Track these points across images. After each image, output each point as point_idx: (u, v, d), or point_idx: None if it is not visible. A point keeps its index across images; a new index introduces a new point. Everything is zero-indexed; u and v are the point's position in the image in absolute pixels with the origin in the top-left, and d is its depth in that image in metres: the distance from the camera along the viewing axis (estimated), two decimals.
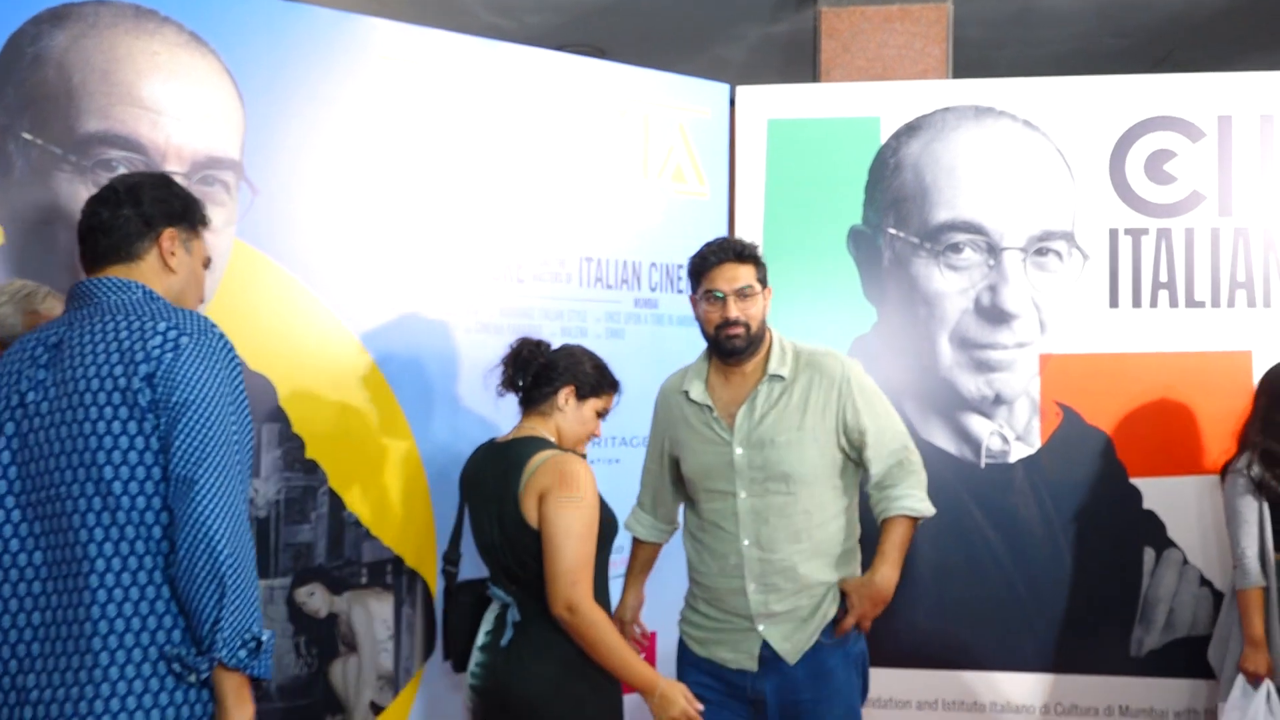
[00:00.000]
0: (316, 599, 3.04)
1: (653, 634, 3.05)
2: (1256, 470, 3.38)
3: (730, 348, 2.63)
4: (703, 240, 2.76)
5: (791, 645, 2.63)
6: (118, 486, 1.74)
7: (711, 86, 3.89)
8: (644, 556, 2.98)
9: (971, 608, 3.85)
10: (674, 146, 3.76)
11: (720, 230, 3.86)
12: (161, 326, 1.80)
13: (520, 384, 2.63)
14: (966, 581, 3.85)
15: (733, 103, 3.99)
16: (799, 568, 2.62)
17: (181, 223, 2.00)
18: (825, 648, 2.63)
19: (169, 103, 2.78)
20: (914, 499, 2.71)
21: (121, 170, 2.71)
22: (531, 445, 2.52)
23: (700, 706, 2.46)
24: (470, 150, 3.34)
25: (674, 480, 2.88)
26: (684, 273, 3.63)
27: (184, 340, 1.80)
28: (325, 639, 3.06)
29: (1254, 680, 3.28)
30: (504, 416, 3.28)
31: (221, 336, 1.87)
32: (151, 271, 1.94)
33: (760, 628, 2.63)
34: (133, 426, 1.75)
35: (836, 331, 3.86)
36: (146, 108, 2.74)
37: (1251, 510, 3.37)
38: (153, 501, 1.76)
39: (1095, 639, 3.81)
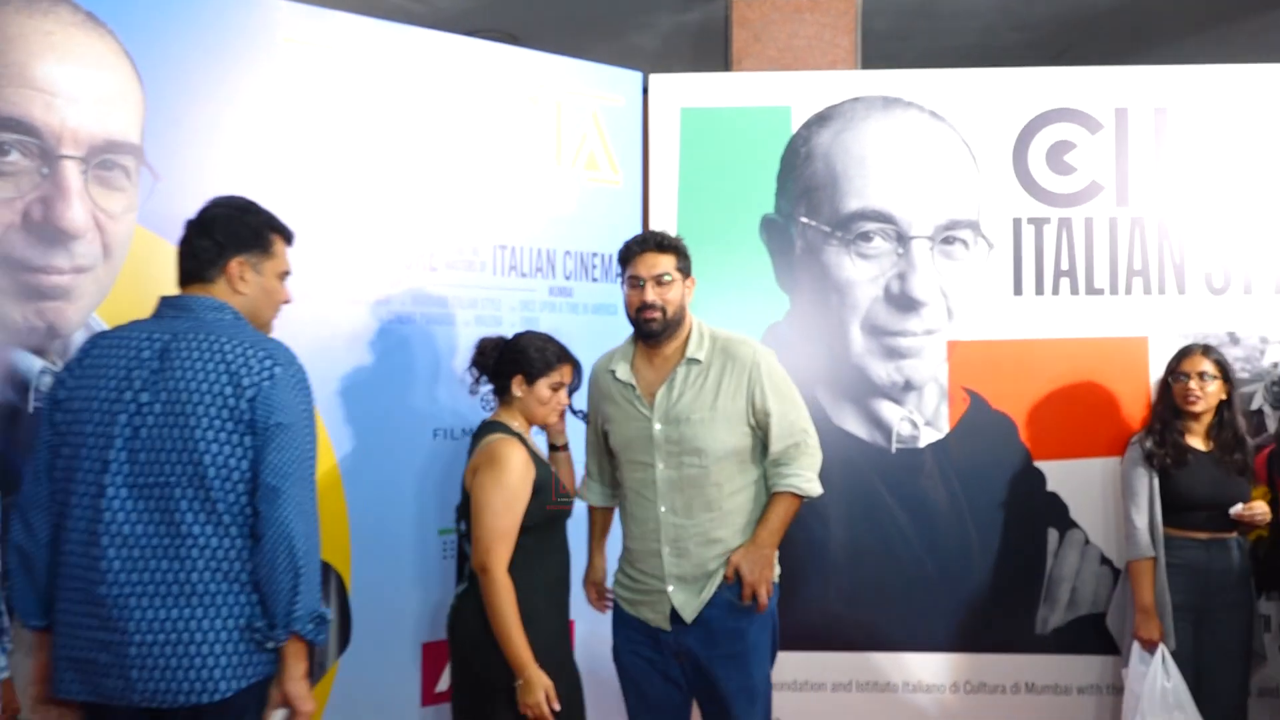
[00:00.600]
0: None
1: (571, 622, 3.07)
2: (1148, 444, 3.51)
3: (648, 330, 2.90)
4: (616, 228, 2.89)
5: (689, 606, 2.87)
6: (215, 484, 2.16)
7: (624, 74, 3.90)
8: (601, 521, 3.24)
9: (883, 590, 3.91)
10: (587, 134, 3.75)
11: (634, 218, 3.87)
12: (260, 355, 2.22)
13: (486, 381, 2.97)
14: (878, 564, 3.92)
15: (645, 91, 3.99)
16: (710, 533, 2.88)
17: (251, 249, 2.36)
18: (737, 609, 2.86)
19: (64, 84, 2.70)
20: (801, 478, 2.93)
21: (14, 155, 2.64)
22: (485, 429, 2.89)
23: (558, 708, 2.74)
24: (381, 137, 3.29)
25: (609, 450, 3.10)
26: (598, 261, 3.69)
27: (278, 371, 2.21)
28: None
29: (1149, 646, 3.42)
30: (418, 406, 3.26)
31: (301, 368, 2.29)
32: (224, 292, 2.33)
33: (670, 588, 2.88)
34: (235, 438, 2.17)
35: (751, 319, 3.88)
36: (40, 89, 2.66)
37: (1142, 483, 3.53)
38: (241, 499, 2.17)
39: (1002, 618, 3.91)
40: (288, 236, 2.45)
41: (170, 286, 2.81)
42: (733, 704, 2.89)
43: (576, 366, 3.00)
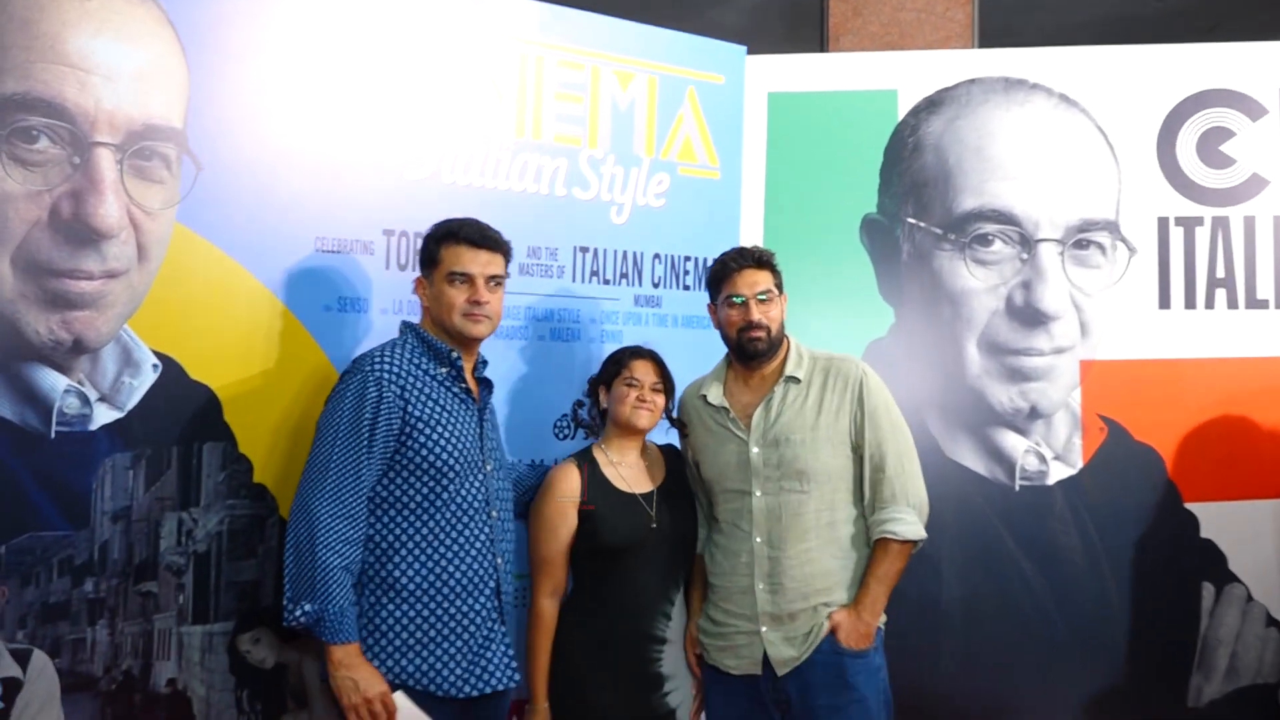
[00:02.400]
0: (262, 647, 3.03)
1: None
2: None
3: (753, 350, 3.08)
4: (713, 228, 2.96)
5: (783, 655, 2.98)
6: None
7: (725, 48, 3.89)
8: (701, 570, 3.26)
9: (1004, 652, 3.90)
10: (684, 117, 3.78)
11: (733, 217, 3.90)
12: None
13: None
14: (999, 622, 3.91)
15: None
16: (805, 566, 3.00)
17: (424, 270, 2.92)
18: (844, 656, 2.96)
19: (100, 59, 2.73)
20: (901, 522, 3.00)
21: (43, 142, 2.68)
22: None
23: None
24: (446, 119, 3.34)
25: (701, 483, 3.22)
26: (691, 266, 3.73)
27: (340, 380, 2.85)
28: (271, 693, 3.04)
29: None
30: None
31: (349, 379, 2.77)
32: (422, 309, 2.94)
33: (763, 629, 2.99)
34: None
35: (849, 335, 3.91)
36: (73, 65, 2.69)
37: None
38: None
39: (1147, 688, 3.87)
40: (459, 237, 2.85)
41: (211, 292, 2.90)
42: None
43: (658, 365, 3.15)
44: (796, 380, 3.07)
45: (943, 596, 3.90)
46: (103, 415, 2.80)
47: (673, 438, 3.30)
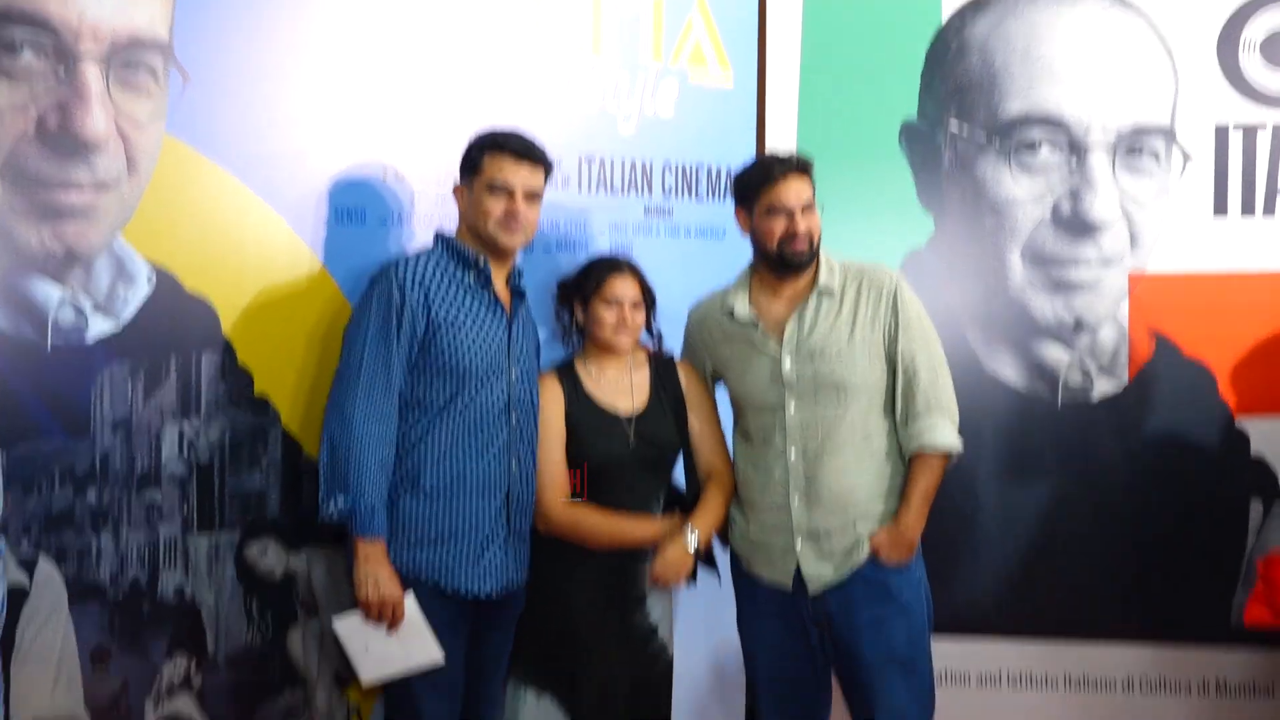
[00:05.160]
0: (269, 557, 3.02)
1: None
2: None
3: (796, 261, 2.95)
4: (725, 136, 3.09)
5: (818, 573, 2.93)
6: None
7: None
8: None
9: (1043, 568, 3.82)
10: (693, 20, 3.66)
11: (748, 126, 3.79)
12: None
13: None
14: (1036, 538, 3.82)
15: None
16: (843, 480, 2.92)
17: (464, 176, 2.88)
18: (887, 571, 2.92)
19: None
20: (940, 432, 2.94)
21: (27, 55, 2.64)
22: None
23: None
24: (437, 27, 3.24)
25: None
26: (703, 175, 3.62)
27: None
28: (281, 603, 3.05)
29: None
30: None
31: (374, 285, 2.79)
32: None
33: (798, 546, 2.92)
34: None
35: (887, 245, 3.81)
36: None
37: None
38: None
39: (1190, 604, 3.78)
40: (504, 148, 2.82)
41: (206, 204, 2.86)
42: (877, 679, 2.89)
43: (637, 277, 3.04)
44: (830, 291, 2.96)
45: (979, 513, 3.82)
46: (99, 326, 2.78)
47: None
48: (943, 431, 2.93)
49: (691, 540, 2.94)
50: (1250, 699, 3.74)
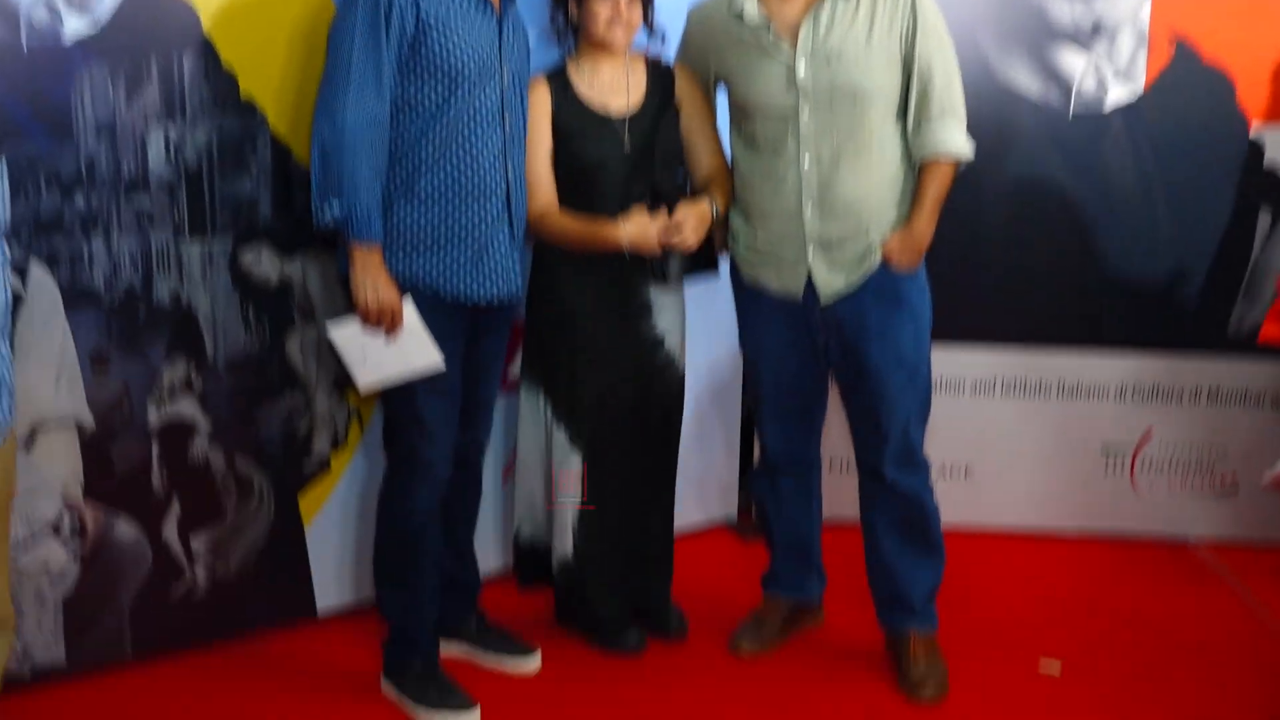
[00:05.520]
0: (264, 264, 2.99)
1: None
2: None
3: None
4: None
5: (829, 282, 2.88)
6: None
7: None
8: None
9: (1044, 277, 3.79)
10: None
11: None
12: None
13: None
14: (1042, 248, 3.78)
15: None
16: (857, 187, 2.85)
17: None
18: (894, 274, 2.88)
19: None
20: (953, 140, 2.85)
21: None
22: None
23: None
24: None
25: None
26: None
27: None
28: (277, 308, 3.05)
29: None
30: None
31: None
32: None
33: (810, 255, 2.88)
34: None
35: None
36: None
37: None
38: None
39: (1188, 312, 3.78)
40: None
41: None
42: (883, 382, 2.89)
43: None
44: None
45: (983, 223, 3.75)
46: (74, 25, 2.66)
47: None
48: (955, 137, 2.85)
49: (711, 210, 2.91)
50: (1243, 408, 3.79)
